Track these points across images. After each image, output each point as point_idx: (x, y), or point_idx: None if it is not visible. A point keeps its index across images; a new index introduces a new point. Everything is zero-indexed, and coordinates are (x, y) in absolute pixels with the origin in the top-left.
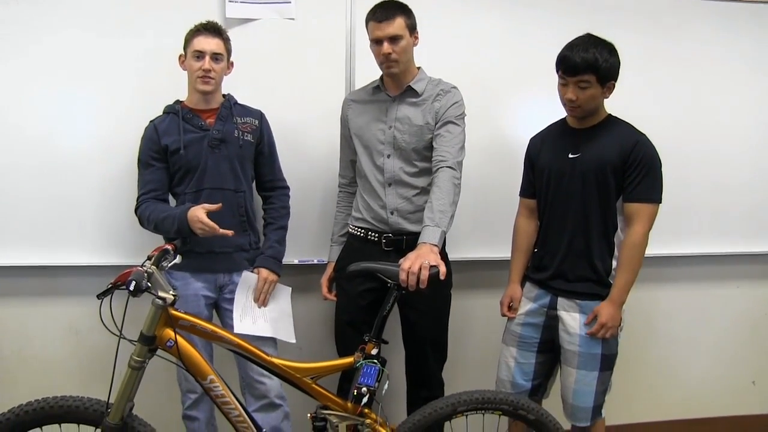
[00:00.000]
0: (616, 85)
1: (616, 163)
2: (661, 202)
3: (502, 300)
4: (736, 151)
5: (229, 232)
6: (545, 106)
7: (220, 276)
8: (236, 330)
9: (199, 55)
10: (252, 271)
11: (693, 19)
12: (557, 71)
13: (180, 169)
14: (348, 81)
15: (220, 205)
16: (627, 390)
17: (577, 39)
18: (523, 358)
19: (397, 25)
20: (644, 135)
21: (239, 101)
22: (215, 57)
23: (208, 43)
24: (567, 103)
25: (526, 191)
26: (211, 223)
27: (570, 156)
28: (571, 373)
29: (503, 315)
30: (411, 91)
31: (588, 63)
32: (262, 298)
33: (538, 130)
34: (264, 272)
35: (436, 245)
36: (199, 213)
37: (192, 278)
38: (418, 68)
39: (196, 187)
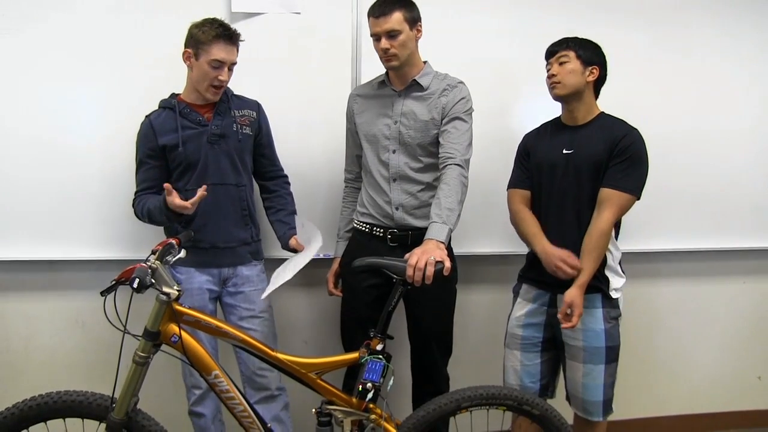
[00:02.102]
0: (622, 80)
1: (606, 156)
2: (638, 198)
3: (554, 261)
4: (742, 146)
5: (201, 192)
6: (549, 102)
7: (224, 270)
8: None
9: (219, 65)
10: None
11: (698, 15)
12: (546, 66)
13: (179, 166)
14: (354, 75)
15: (204, 188)
16: (632, 385)
17: None
18: (528, 360)
19: (395, 19)
20: (636, 130)
21: (242, 94)
22: (231, 66)
23: (229, 54)
24: (548, 81)
25: (520, 183)
26: (181, 203)
27: (564, 152)
28: (578, 368)
29: (569, 268)
30: (416, 86)
31: (564, 41)
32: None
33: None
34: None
35: (442, 242)
36: (171, 199)
37: (196, 272)
38: (425, 62)
39: (197, 183)
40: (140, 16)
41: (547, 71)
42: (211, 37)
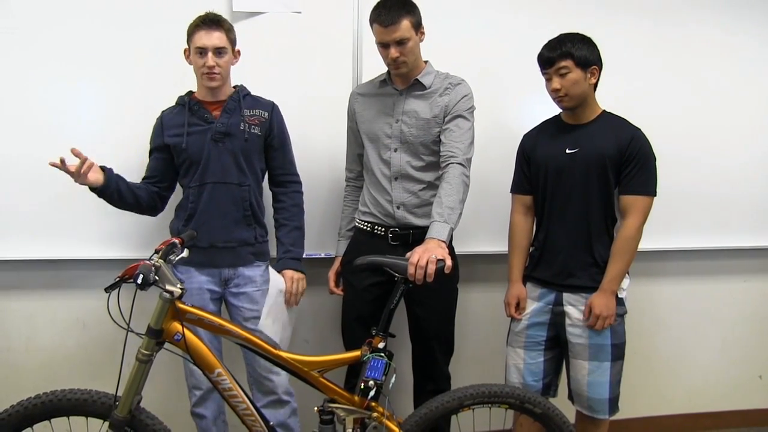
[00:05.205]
0: (623, 78)
1: (614, 156)
2: (655, 195)
3: (508, 300)
4: (744, 144)
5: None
6: (549, 101)
7: (224, 270)
8: (260, 325)
9: (202, 51)
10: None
11: (698, 13)
12: (541, 72)
13: (184, 162)
14: (355, 74)
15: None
16: (633, 384)
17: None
18: (531, 359)
19: (404, 27)
20: (639, 129)
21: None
22: (218, 51)
23: (209, 38)
24: (554, 95)
25: (520, 187)
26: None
27: (568, 151)
28: (582, 365)
29: (509, 316)
30: (418, 85)
31: (560, 50)
32: (293, 300)
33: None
34: (288, 272)
35: (443, 241)
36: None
37: (196, 272)
38: (426, 62)
39: (200, 180)
40: (141, 16)
41: (546, 80)
42: (192, 27)
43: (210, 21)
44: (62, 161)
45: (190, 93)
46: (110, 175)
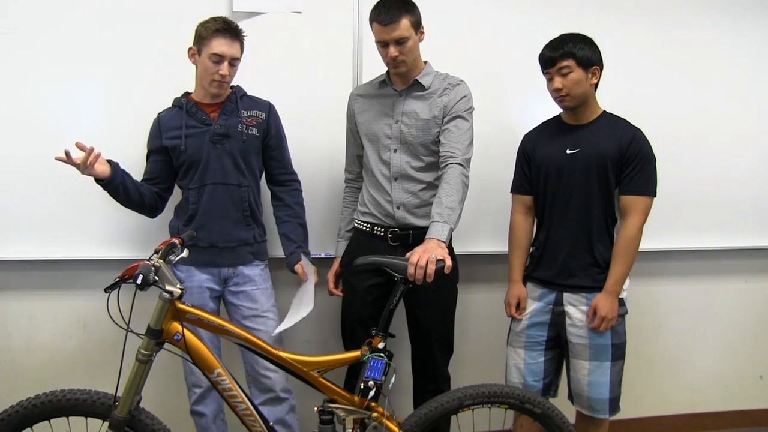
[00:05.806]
0: (625, 79)
1: (615, 156)
2: (655, 196)
3: (509, 300)
4: (745, 145)
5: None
6: (549, 101)
7: (224, 269)
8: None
9: (219, 59)
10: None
11: (699, 13)
12: (542, 71)
13: (183, 164)
14: (355, 74)
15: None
16: (634, 384)
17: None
18: (531, 359)
19: (403, 26)
20: (640, 130)
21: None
22: (233, 61)
23: (230, 48)
24: (555, 94)
25: (521, 188)
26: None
27: (568, 152)
28: (583, 365)
29: (510, 316)
30: (418, 86)
31: (562, 50)
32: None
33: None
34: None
35: (443, 241)
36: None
37: (197, 271)
38: (425, 62)
39: (200, 182)
40: (142, 16)
41: (548, 79)
42: (211, 31)
43: (233, 31)
44: (67, 154)
45: (187, 94)
46: (116, 168)
